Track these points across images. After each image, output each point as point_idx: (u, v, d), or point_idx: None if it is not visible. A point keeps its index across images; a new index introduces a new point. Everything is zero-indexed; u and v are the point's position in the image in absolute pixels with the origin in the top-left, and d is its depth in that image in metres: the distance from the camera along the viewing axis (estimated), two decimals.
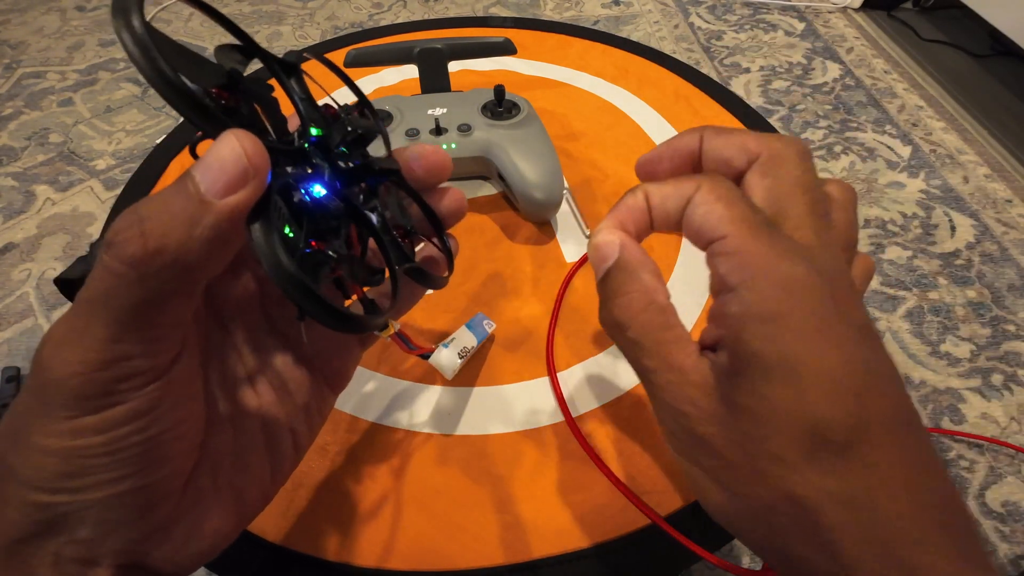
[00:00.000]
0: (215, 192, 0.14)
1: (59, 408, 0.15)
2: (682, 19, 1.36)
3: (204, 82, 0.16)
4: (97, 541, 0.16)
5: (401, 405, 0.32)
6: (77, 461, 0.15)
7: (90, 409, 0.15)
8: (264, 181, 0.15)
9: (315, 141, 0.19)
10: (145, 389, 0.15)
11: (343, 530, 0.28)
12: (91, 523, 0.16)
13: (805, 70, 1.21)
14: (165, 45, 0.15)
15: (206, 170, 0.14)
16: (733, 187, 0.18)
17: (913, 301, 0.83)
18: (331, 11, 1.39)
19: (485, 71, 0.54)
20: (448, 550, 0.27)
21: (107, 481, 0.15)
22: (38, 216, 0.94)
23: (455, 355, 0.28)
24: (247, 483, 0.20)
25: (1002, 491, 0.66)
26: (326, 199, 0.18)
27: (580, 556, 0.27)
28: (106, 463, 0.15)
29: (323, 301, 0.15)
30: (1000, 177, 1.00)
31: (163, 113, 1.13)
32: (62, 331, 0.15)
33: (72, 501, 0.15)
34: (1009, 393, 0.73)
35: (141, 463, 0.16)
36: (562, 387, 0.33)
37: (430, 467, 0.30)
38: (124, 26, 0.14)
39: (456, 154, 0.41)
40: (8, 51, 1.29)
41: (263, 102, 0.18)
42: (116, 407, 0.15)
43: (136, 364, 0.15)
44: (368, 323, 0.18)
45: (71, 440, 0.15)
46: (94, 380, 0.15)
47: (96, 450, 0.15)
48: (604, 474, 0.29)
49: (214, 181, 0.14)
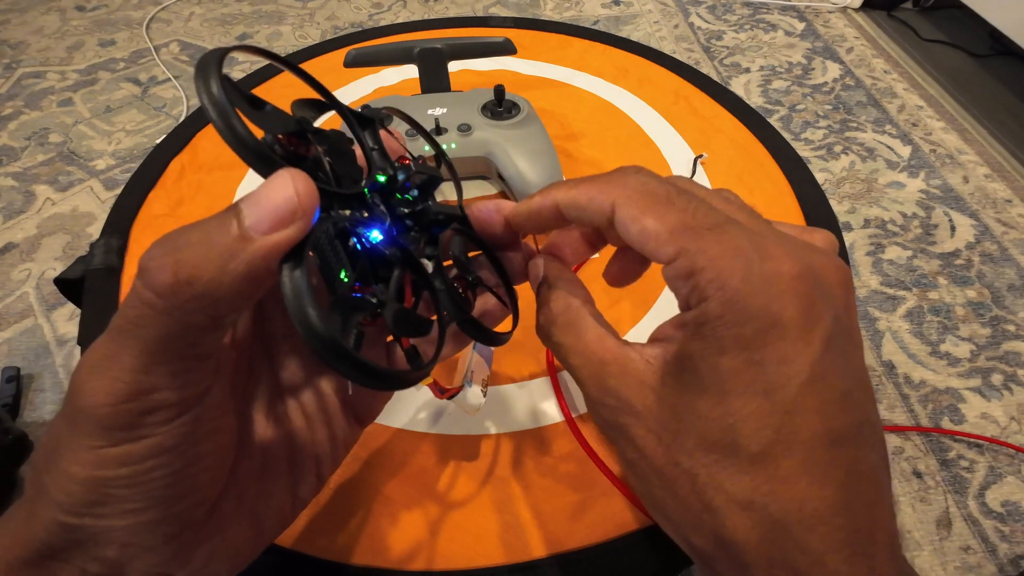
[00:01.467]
0: (259, 228, 0.14)
1: (86, 437, 0.15)
2: (682, 19, 1.36)
3: (273, 130, 0.16)
4: (122, 561, 0.16)
5: (401, 405, 0.32)
6: (101, 491, 0.15)
7: (115, 440, 0.15)
8: (308, 225, 0.15)
9: (376, 187, 0.19)
10: (172, 424, 0.15)
11: (343, 530, 0.28)
12: (117, 545, 0.16)
13: (805, 70, 1.21)
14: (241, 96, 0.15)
15: (253, 205, 0.14)
16: (648, 182, 0.18)
17: (913, 301, 0.83)
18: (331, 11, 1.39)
19: (485, 71, 0.54)
20: (448, 550, 0.27)
21: (131, 511, 0.15)
22: (38, 216, 0.94)
23: (479, 392, 0.27)
24: (268, 509, 0.20)
25: (1002, 491, 0.66)
26: (381, 244, 0.17)
27: (580, 556, 0.27)
28: (129, 495, 0.15)
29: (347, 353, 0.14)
30: (1000, 177, 1.00)
31: (163, 113, 1.13)
32: (95, 357, 0.15)
33: (97, 525, 0.15)
34: (1009, 393, 0.73)
35: (165, 495, 0.16)
36: (562, 387, 0.33)
37: (430, 467, 0.30)
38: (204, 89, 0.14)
39: (456, 154, 0.41)
40: (8, 51, 1.29)
41: (335, 152, 0.18)
42: (141, 441, 0.15)
43: (163, 397, 0.15)
44: (403, 379, 0.17)
45: (95, 470, 0.15)
46: (120, 412, 0.14)
47: (120, 482, 0.15)
48: (604, 474, 0.29)
49: (260, 218, 0.14)
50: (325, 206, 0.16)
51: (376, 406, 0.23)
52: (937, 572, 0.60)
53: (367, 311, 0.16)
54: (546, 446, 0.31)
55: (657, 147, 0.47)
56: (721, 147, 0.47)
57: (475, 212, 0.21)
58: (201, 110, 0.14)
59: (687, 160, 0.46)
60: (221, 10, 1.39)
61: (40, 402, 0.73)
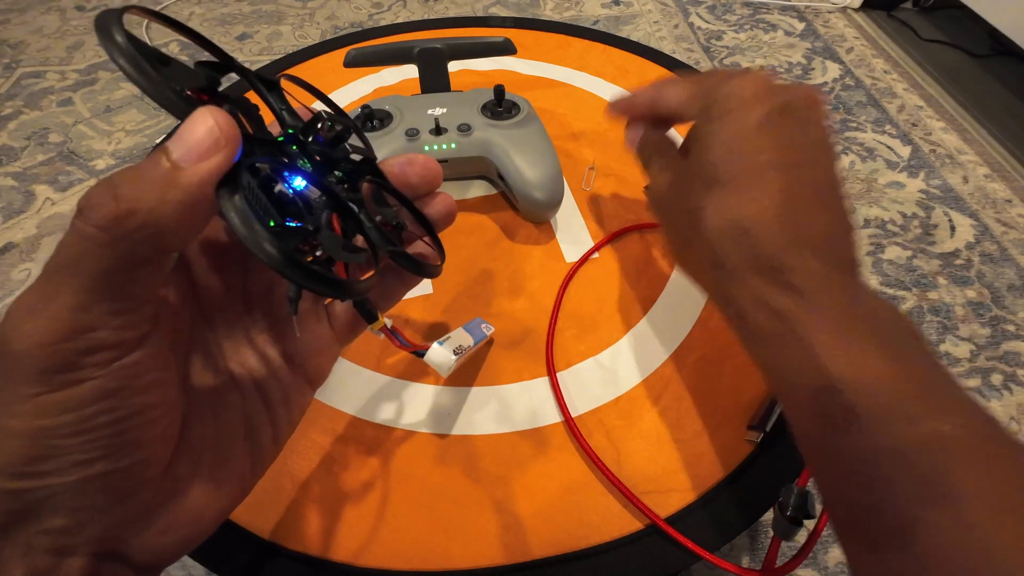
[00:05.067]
0: (187, 160, 0.15)
1: (24, 384, 0.14)
2: (682, 19, 1.36)
3: (182, 84, 0.17)
4: (72, 529, 0.16)
5: (401, 405, 0.32)
6: (44, 442, 0.15)
7: (56, 385, 0.15)
8: (234, 151, 0.15)
9: (291, 136, 0.19)
10: (112, 366, 0.15)
11: (342, 530, 0.28)
12: (64, 510, 0.15)
13: (805, 70, 1.21)
14: (147, 51, 0.16)
15: (178, 139, 0.15)
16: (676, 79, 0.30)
17: (913, 301, 0.83)
18: (331, 11, 1.39)
19: (485, 71, 0.54)
20: (448, 550, 0.27)
21: (76, 464, 0.15)
22: (38, 216, 0.94)
23: (450, 352, 0.26)
24: (227, 474, 0.20)
25: None
26: (306, 188, 0.18)
27: (580, 556, 0.27)
28: (74, 444, 0.15)
29: (298, 261, 0.15)
30: (1000, 177, 1.00)
31: (163, 113, 1.13)
32: (29, 299, 0.15)
33: (41, 487, 0.15)
34: (1009, 393, 0.73)
35: (112, 446, 0.16)
36: (562, 387, 0.33)
37: (429, 467, 0.30)
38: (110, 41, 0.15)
39: (456, 154, 0.41)
40: (8, 51, 1.29)
41: (241, 107, 0.18)
42: (83, 383, 0.15)
43: (103, 336, 0.15)
44: (350, 287, 0.17)
45: (37, 420, 0.15)
46: (60, 351, 0.14)
47: (64, 430, 0.15)
48: (604, 474, 0.29)
49: (187, 150, 0.15)
50: (246, 151, 0.16)
51: (324, 365, 0.23)
52: None
53: (303, 236, 0.17)
54: (546, 446, 0.31)
55: None
56: None
57: (389, 166, 0.23)
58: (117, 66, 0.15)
59: None
60: (221, 10, 1.39)
61: None
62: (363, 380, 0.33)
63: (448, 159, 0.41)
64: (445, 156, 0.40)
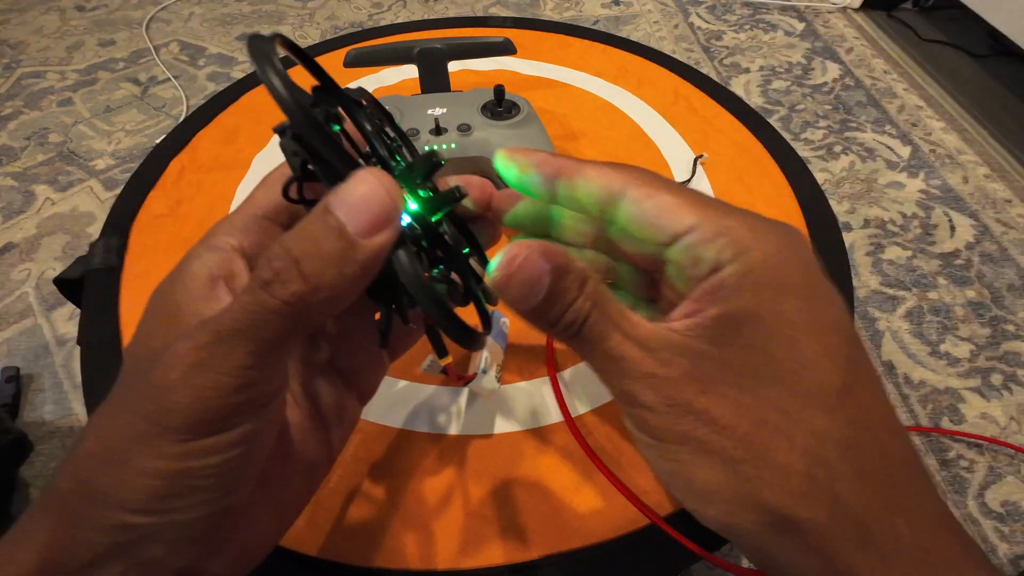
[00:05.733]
0: (361, 232, 0.15)
1: (176, 432, 0.15)
2: (682, 19, 1.36)
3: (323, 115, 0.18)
4: (163, 561, 0.16)
5: (401, 405, 0.32)
6: (183, 482, 0.15)
7: (210, 432, 0.15)
8: (401, 219, 0.16)
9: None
10: (260, 412, 0.16)
11: (341, 530, 0.28)
12: (166, 543, 0.16)
13: (805, 70, 1.21)
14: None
15: (351, 211, 0.15)
16: (656, 174, 0.18)
17: (913, 301, 0.83)
18: (331, 11, 1.39)
19: (485, 71, 0.54)
20: (448, 550, 0.27)
21: (203, 502, 0.16)
22: (38, 216, 0.94)
23: (493, 378, 0.29)
24: (289, 497, 0.20)
25: (1002, 491, 0.66)
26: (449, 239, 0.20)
27: (580, 556, 0.27)
28: (209, 484, 0.16)
29: (456, 317, 0.17)
30: (1000, 177, 1.00)
31: (163, 113, 1.13)
32: (196, 357, 0.15)
33: (162, 523, 0.16)
34: (1009, 393, 0.73)
35: (235, 485, 0.16)
36: (562, 387, 0.33)
37: (430, 467, 0.30)
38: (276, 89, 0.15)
39: (456, 154, 0.41)
40: (8, 51, 1.29)
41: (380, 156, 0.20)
42: (234, 430, 0.16)
43: (262, 389, 0.16)
44: (479, 337, 0.19)
45: (182, 462, 0.15)
46: (225, 405, 0.15)
47: (206, 471, 0.16)
48: (604, 474, 0.29)
49: (360, 222, 0.15)
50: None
51: (375, 381, 0.24)
52: None
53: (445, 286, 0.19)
54: (546, 446, 0.31)
55: (657, 147, 0.47)
56: (721, 147, 0.47)
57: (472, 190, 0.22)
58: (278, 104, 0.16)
59: (687, 160, 0.46)
60: (221, 10, 1.39)
61: (39, 402, 0.73)
62: None
63: (448, 159, 0.41)
64: (445, 156, 0.41)
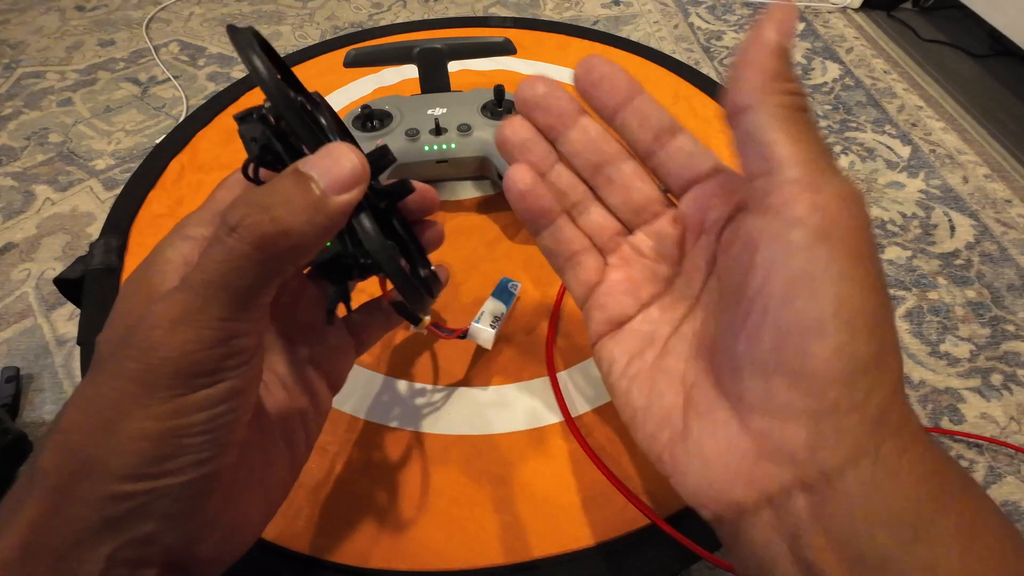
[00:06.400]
0: (331, 188, 0.17)
1: (164, 388, 0.15)
2: (682, 19, 1.36)
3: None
4: (154, 537, 0.16)
5: (400, 405, 0.32)
6: (172, 441, 0.16)
7: (196, 387, 0.16)
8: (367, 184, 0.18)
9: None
10: (243, 368, 0.17)
11: (341, 530, 0.28)
12: (155, 517, 0.16)
13: (805, 70, 1.21)
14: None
15: (323, 170, 0.17)
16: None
17: (913, 301, 0.83)
18: (331, 11, 1.39)
19: (485, 71, 0.54)
20: (448, 550, 0.27)
21: (193, 464, 0.16)
22: (38, 216, 0.94)
23: (488, 327, 0.31)
24: (273, 479, 0.21)
25: (1002, 491, 0.66)
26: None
27: (580, 556, 0.27)
28: (198, 443, 0.16)
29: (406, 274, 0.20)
30: (1000, 177, 1.00)
31: (163, 113, 1.13)
32: (173, 312, 0.16)
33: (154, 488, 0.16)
34: (1008, 393, 0.73)
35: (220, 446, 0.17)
36: (562, 387, 0.33)
37: (429, 467, 0.30)
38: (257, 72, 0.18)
39: (456, 154, 0.41)
40: (7, 51, 1.29)
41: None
42: (219, 384, 0.16)
43: (242, 342, 0.17)
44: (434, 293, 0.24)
45: (172, 420, 0.16)
46: (209, 357, 0.16)
47: (195, 428, 0.16)
48: (604, 474, 0.29)
49: (333, 181, 0.17)
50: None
51: (343, 371, 0.25)
52: None
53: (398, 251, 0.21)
54: (546, 446, 0.31)
55: None
56: (721, 147, 0.47)
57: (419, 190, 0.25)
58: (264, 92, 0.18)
59: None
60: (221, 10, 1.39)
61: (39, 402, 0.73)
62: (362, 380, 0.33)
63: (448, 159, 0.41)
64: (445, 156, 0.41)
